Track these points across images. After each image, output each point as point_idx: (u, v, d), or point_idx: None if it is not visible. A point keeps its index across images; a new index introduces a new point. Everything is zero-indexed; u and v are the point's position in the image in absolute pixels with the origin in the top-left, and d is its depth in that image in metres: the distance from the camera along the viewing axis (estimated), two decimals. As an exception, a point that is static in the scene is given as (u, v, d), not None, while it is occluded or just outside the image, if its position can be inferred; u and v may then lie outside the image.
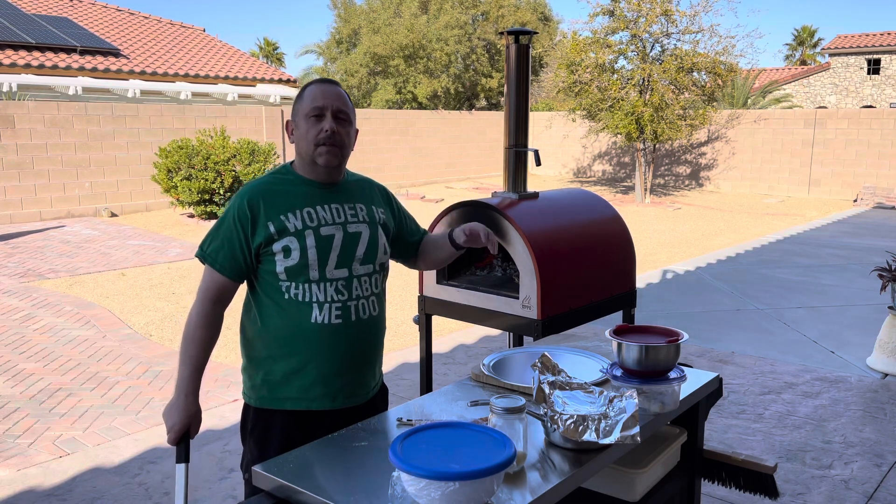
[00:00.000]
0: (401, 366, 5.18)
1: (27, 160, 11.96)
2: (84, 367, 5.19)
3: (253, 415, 2.06)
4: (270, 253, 1.94)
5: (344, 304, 1.98)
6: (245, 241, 1.94)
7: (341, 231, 2.00)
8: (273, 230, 1.93)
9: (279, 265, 1.94)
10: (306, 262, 1.94)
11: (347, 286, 1.99)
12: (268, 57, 48.57)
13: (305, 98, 1.99)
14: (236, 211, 1.95)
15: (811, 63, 45.60)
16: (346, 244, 2.00)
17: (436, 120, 19.33)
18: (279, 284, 1.96)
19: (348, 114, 2.01)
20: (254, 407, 2.05)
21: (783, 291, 7.59)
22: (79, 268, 8.50)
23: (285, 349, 1.97)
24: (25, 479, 3.52)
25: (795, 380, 4.95)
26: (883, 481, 3.53)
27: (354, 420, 2.05)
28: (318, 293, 1.95)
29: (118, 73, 15.45)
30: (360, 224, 2.05)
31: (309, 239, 1.94)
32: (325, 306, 1.96)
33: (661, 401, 2.01)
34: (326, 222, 1.99)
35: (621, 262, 3.16)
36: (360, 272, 2.03)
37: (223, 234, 1.96)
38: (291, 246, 1.93)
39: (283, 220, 1.94)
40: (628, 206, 15.07)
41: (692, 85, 15.65)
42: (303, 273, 1.94)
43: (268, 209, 1.95)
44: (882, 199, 15.56)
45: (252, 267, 1.98)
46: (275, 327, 1.98)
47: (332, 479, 1.63)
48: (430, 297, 3.11)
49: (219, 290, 1.98)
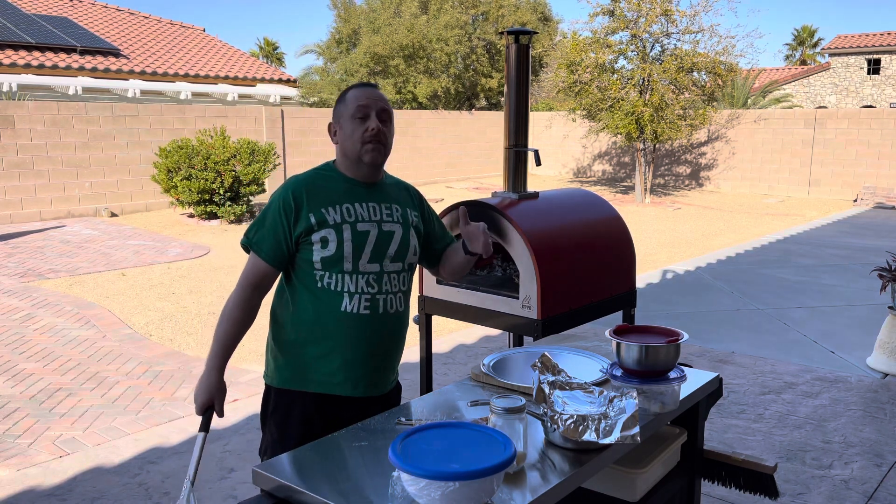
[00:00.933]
0: (401, 366, 5.17)
1: (27, 160, 11.96)
2: (84, 367, 5.19)
3: (275, 396, 2.14)
4: (309, 242, 2.05)
5: (373, 297, 2.09)
6: (288, 229, 2.05)
7: (376, 228, 2.10)
8: (314, 221, 2.04)
9: (316, 254, 2.05)
10: (342, 254, 2.05)
11: (378, 280, 2.10)
12: (268, 57, 48.58)
13: (349, 100, 2.10)
14: (281, 202, 2.06)
15: (811, 63, 45.60)
16: (379, 241, 2.10)
17: (436, 120, 19.33)
18: (314, 273, 2.06)
19: (390, 114, 2.14)
20: (276, 388, 2.14)
21: (783, 291, 7.59)
22: (79, 268, 8.50)
23: (315, 334, 2.08)
24: (25, 479, 3.52)
25: (795, 380, 4.95)
26: (883, 481, 3.53)
27: (370, 411, 2.13)
28: (350, 284, 2.07)
29: (118, 73, 15.46)
30: (395, 224, 2.14)
31: (346, 232, 2.05)
32: (355, 297, 2.07)
33: (661, 401, 2.01)
34: (363, 219, 2.09)
35: (621, 262, 3.16)
36: (390, 269, 2.13)
37: (268, 224, 2.07)
38: (329, 237, 2.04)
39: (323, 213, 2.05)
40: (628, 206, 15.07)
41: (692, 85, 15.65)
42: (338, 264, 2.05)
43: (310, 201, 2.06)
44: (882, 199, 15.56)
45: (292, 255, 2.09)
46: (306, 313, 2.08)
47: (332, 479, 1.63)
48: (430, 297, 3.11)
49: (260, 277, 2.09)
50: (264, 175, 12.10)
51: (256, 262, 2.08)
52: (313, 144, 16.19)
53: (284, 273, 2.14)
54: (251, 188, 11.93)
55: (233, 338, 2.08)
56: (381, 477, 1.63)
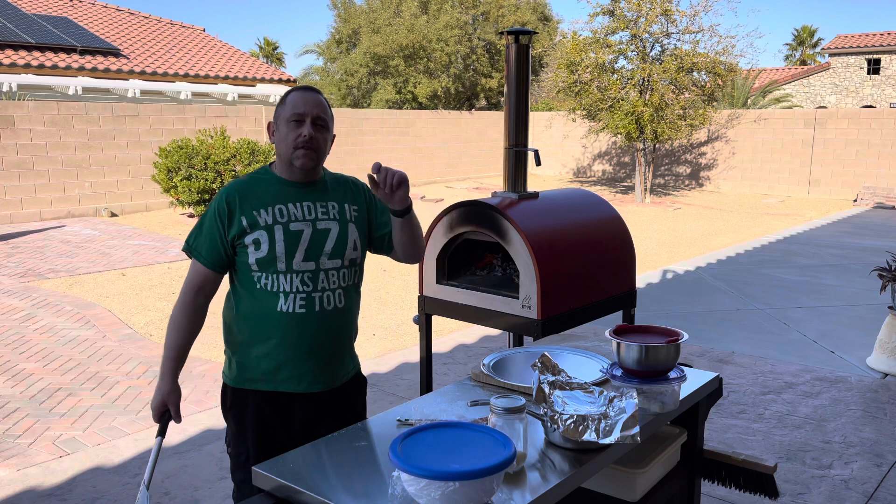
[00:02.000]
0: (401, 366, 5.18)
1: (27, 160, 11.96)
2: (84, 367, 5.19)
3: (230, 393, 2.23)
4: (243, 245, 2.12)
5: (308, 295, 2.13)
6: (223, 233, 2.12)
7: (310, 227, 2.15)
8: (245, 224, 2.11)
9: (251, 257, 2.11)
10: (274, 255, 2.10)
11: (313, 278, 2.14)
12: (268, 57, 48.57)
13: (287, 104, 2.14)
14: (216, 207, 2.13)
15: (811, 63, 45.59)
16: (314, 239, 2.14)
17: (436, 120, 19.32)
18: (252, 275, 2.13)
19: (326, 121, 2.16)
20: (231, 387, 2.23)
21: (783, 291, 7.59)
22: (79, 268, 8.50)
23: (256, 334, 2.15)
24: (25, 479, 3.52)
25: (795, 380, 4.95)
26: (883, 481, 3.53)
27: (324, 405, 2.22)
28: (285, 284, 2.11)
29: (118, 73, 15.46)
30: (331, 221, 2.18)
31: (278, 233, 2.11)
32: (290, 296, 2.12)
33: (661, 401, 2.01)
34: (297, 218, 2.14)
35: (621, 262, 3.16)
36: (327, 266, 2.17)
37: (206, 229, 2.14)
38: (261, 239, 2.10)
39: (254, 215, 2.11)
40: (628, 206, 15.07)
41: (692, 85, 15.65)
42: (272, 265, 2.11)
43: (243, 205, 2.12)
44: (882, 199, 15.56)
45: (231, 258, 2.16)
46: (248, 314, 2.15)
47: (332, 479, 1.63)
48: (430, 297, 3.11)
49: (202, 281, 2.16)
50: (264, 175, 12.08)
51: (197, 267, 2.15)
52: (313, 144, 16.17)
53: (229, 277, 2.21)
54: (251, 188, 11.91)
55: (182, 344, 2.16)
56: (381, 477, 1.63)
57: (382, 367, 5.15)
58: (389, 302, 7.14)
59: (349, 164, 16.95)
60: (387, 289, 7.68)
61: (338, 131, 16.66)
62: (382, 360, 5.32)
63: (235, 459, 2.24)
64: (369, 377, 4.96)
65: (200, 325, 2.19)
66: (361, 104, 23.95)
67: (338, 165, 16.61)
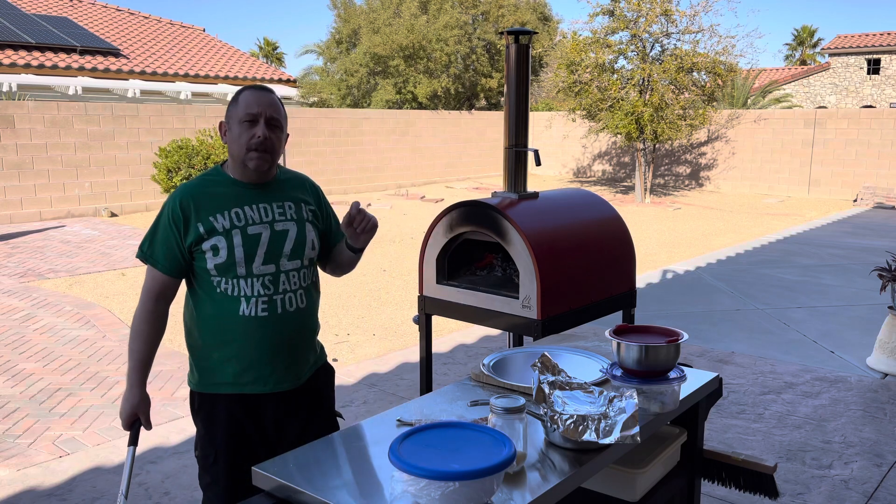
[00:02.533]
0: (401, 366, 5.18)
1: (27, 160, 11.96)
2: (84, 367, 5.19)
3: (198, 398, 2.19)
4: (201, 251, 2.08)
5: (270, 298, 2.11)
6: (179, 239, 2.08)
7: (268, 229, 2.12)
8: (202, 230, 2.06)
9: (209, 262, 2.07)
10: (234, 260, 2.07)
11: (274, 281, 2.12)
12: (268, 57, 48.57)
13: (240, 103, 2.09)
14: (170, 212, 2.08)
15: (811, 63, 45.59)
16: (273, 241, 2.12)
17: (436, 120, 19.32)
18: (211, 280, 2.10)
19: (280, 121, 2.13)
20: (197, 392, 2.19)
21: (783, 291, 7.59)
22: (79, 268, 8.50)
23: (218, 339, 2.12)
24: (25, 479, 3.52)
25: (795, 380, 4.95)
26: (883, 481, 3.53)
27: (293, 402, 2.22)
28: (246, 288, 2.09)
29: (118, 73, 15.46)
30: (288, 222, 2.16)
31: (236, 238, 2.07)
32: (251, 300, 2.09)
33: (661, 401, 2.01)
34: (254, 221, 2.11)
35: (621, 262, 3.16)
36: (287, 267, 2.15)
37: (160, 235, 2.10)
38: (219, 245, 2.06)
39: (211, 221, 2.07)
40: (628, 206, 15.07)
41: (692, 85, 15.65)
42: (231, 270, 2.08)
43: (198, 210, 2.08)
44: (882, 199, 15.56)
45: (188, 263, 2.12)
46: (208, 319, 2.12)
47: (332, 479, 1.63)
48: (430, 297, 3.11)
49: (161, 288, 2.12)
50: (264, 175, 12.10)
51: (154, 274, 2.11)
52: (313, 144, 16.19)
53: (187, 281, 2.17)
54: (251, 188, 11.92)
55: (146, 352, 2.14)
56: (381, 477, 1.63)
57: (382, 367, 5.15)
58: (389, 302, 7.14)
59: (349, 164, 16.95)
60: (387, 289, 7.68)
61: (338, 131, 16.66)
62: (382, 360, 5.32)
63: (203, 462, 2.20)
64: (369, 377, 4.96)
65: (163, 330, 2.16)
66: (361, 104, 23.95)
67: (338, 165, 16.62)
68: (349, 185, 16.99)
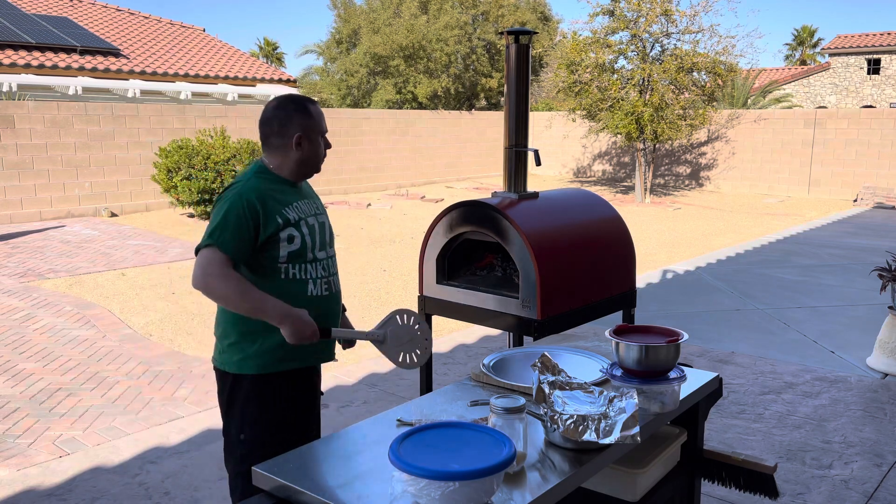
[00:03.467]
0: (401, 366, 5.18)
1: (27, 160, 11.96)
2: (84, 367, 5.19)
3: (250, 383, 2.30)
4: (277, 241, 2.27)
5: (328, 280, 2.41)
6: (253, 232, 2.23)
7: (316, 220, 2.40)
8: (280, 221, 2.27)
9: (283, 251, 2.28)
10: (305, 247, 2.32)
11: (328, 265, 2.42)
12: (268, 57, 48.55)
13: (315, 118, 2.37)
14: (246, 207, 2.22)
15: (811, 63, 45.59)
16: (321, 231, 2.41)
17: (436, 120, 19.32)
18: (278, 267, 2.28)
19: None
20: (252, 375, 2.30)
21: (783, 291, 7.59)
22: (79, 268, 8.50)
23: None
24: (25, 479, 3.52)
25: (795, 380, 4.95)
26: (883, 481, 3.53)
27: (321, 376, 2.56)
28: (312, 271, 2.35)
29: (118, 73, 15.45)
30: (323, 215, 2.47)
31: (303, 228, 2.33)
32: (317, 282, 2.36)
33: (661, 401, 2.01)
34: (307, 213, 2.38)
35: (621, 262, 3.16)
36: (331, 253, 2.47)
37: (233, 228, 2.20)
38: (294, 234, 2.30)
39: (285, 213, 2.29)
40: (628, 206, 15.07)
41: (692, 85, 15.64)
42: (302, 256, 2.31)
43: (271, 205, 2.27)
44: (882, 199, 15.56)
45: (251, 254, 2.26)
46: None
47: (332, 479, 1.63)
48: (430, 297, 3.11)
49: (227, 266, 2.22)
50: (264, 175, 12.09)
51: (222, 256, 2.18)
52: (313, 144, 16.16)
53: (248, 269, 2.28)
54: (251, 188, 11.91)
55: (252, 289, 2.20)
56: (381, 477, 1.63)
57: (382, 367, 5.15)
58: (389, 302, 7.14)
59: (349, 163, 16.95)
60: (387, 289, 7.68)
61: (338, 131, 16.66)
62: (382, 360, 5.32)
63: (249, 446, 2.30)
64: (369, 377, 4.96)
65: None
66: (361, 104, 23.95)
67: (338, 165, 16.61)
68: (349, 184, 16.99)
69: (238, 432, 2.34)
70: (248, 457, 2.27)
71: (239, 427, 2.33)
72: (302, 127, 2.33)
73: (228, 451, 2.38)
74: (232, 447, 2.36)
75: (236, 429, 2.34)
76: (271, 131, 2.34)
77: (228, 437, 2.38)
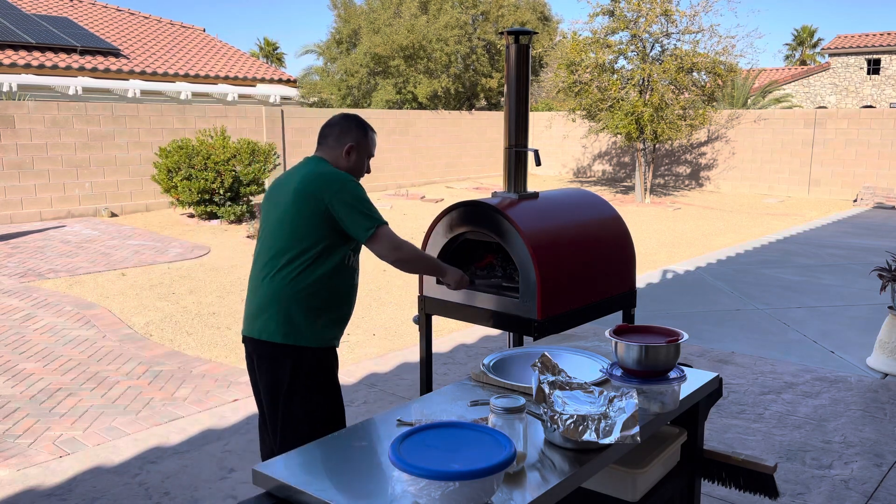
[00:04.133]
0: (401, 366, 5.18)
1: (27, 160, 11.96)
2: (84, 367, 5.19)
3: (312, 355, 2.54)
4: None
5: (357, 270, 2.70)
6: None
7: None
8: None
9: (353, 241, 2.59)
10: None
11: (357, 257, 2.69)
12: (268, 57, 48.55)
13: (369, 140, 2.71)
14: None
15: (811, 63, 45.59)
16: None
17: (436, 120, 19.32)
18: (347, 253, 2.58)
19: None
20: (313, 348, 2.54)
21: (783, 291, 7.59)
22: (79, 268, 8.50)
23: (340, 300, 2.61)
24: (25, 479, 3.52)
25: (795, 380, 4.95)
26: (883, 481, 3.53)
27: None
28: (356, 261, 2.67)
29: (118, 73, 15.46)
30: None
31: None
32: (356, 272, 2.69)
33: (661, 401, 2.01)
34: None
35: (621, 262, 3.16)
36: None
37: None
38: None
39: None
40: (628, 206, 15.07)
41: (692, 85, 15.64)
42: (358, 248, 2.65)
43: None
44: (882, 199, 15.56)
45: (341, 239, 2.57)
46: (336, 284, 2.58)
47: (332, 479, 1.63)
48: (430, 297, 3.11)
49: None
50: (264, 175, 12.10)
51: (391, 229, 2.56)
52: (313, 145, 16.19)
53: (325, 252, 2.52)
54: (251, 188, 11.93)
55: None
56: (381, 477, 1.63)
57: (382, 367, 5.15)
58: (389, 302, 7.15)
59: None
60: (387, 289, 7.68)
61: (338, 131, 16.64)
62: (382, 360, 5.32)
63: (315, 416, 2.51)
64: (369, 377, 4.96)
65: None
66: (361, 104, 23.94)
67: (338, 165, 16.61)
68: (349, 185, 16.97)
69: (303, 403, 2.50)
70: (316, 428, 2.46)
71: (305, 398, 2.50)
72: (356, 141, 2.65)
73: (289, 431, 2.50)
74: (296, 425, 2.50)
75: (301, 400, 2.50)
76: (332, 133, 2.65)
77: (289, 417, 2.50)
